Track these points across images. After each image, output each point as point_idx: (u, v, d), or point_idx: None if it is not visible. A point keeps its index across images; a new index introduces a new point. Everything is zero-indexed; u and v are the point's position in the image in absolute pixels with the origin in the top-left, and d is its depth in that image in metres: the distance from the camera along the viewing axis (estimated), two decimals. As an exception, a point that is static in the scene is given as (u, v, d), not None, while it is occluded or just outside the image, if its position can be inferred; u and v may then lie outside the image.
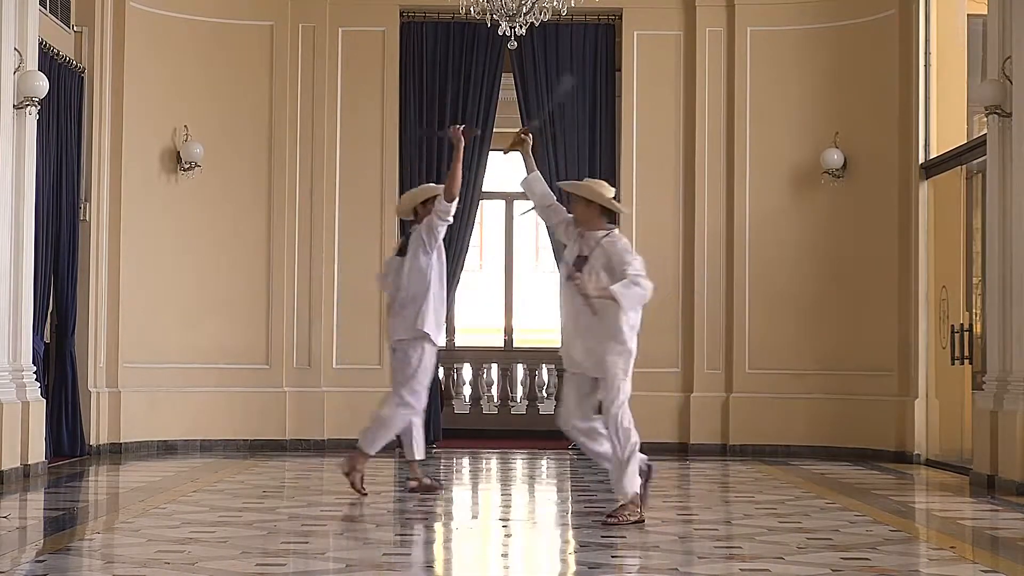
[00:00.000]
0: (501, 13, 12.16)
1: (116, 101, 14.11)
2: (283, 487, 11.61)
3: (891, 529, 8.90)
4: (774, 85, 14.86)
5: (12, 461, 11.17)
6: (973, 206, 13.42)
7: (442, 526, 9.20)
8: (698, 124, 14.95)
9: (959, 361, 13.18)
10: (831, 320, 14.58)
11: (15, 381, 11.42)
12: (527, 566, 7.95)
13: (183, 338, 14.49)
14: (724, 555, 7.87)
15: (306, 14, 14.98)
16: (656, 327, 14.35)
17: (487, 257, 23.45)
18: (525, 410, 17.15)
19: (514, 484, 12.54)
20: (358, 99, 14.98)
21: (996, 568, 7.53)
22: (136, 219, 14.24)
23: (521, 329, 18.15)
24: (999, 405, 11.22)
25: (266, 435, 14.68)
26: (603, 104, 15.24)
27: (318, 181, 14.92)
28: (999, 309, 11.38)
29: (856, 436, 14.26)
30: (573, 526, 9.35)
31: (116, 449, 13.92)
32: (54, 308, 13.23)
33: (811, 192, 14.69)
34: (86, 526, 9.12)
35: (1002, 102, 11.29)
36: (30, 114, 11.50)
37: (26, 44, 11.49)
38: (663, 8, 15.08)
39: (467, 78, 15.08)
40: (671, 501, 10.23)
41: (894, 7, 14.15)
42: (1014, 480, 10.82)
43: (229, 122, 14.79)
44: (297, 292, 14.82)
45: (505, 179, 18.27)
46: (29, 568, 7.29)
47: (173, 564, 7.17)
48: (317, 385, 14.79)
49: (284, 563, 7.40)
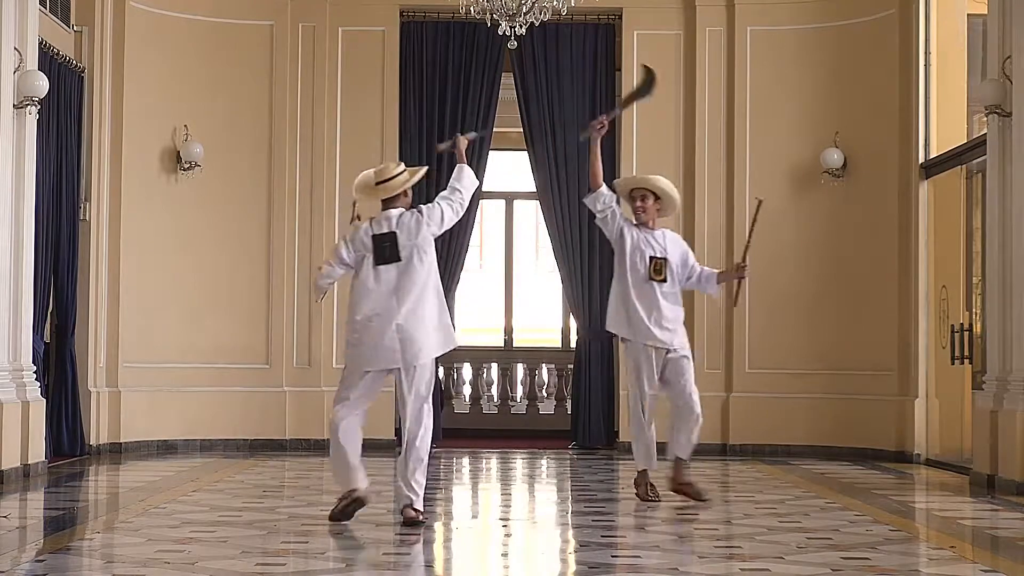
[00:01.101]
0: (501, 13, 12.17)
1: (116, 101, 14.12)
2: (283, 487, 11.61)
3: (891, 529, 8.90)
4: (774, 85, 14.86)
5: (12, 461, 11.17)
6: (973, 206, 13.42)
7: (442, 526, 9.20)
8: (698, 124, 14.95)
9: (959, 361, 13.19)
10: (831, 320, 14.58)
11: (15, 381, 11.43)
12: (527, 566, 7.94)
13: (183, 338, 14.50)
14: (724, 555, 7.88)
15: (306, 14, 14.99)
16: (656, 327, 14.39)
17: (487, 257, 23.43)
18: (525, 410, 17.17)
19: (514, 484, 12.54)
20: (358, 99, 14.98)
21: (996, 568, 7.53)
22: (136, 219, 14.24)
23: (521, 329, 18.16)
24: (999, 405, 11.22)
25: (266, 435, 14.69)
26: (603, 104, 15.21)
27: (318, 181, 14.92)
28: (999, 309, 11.38)
29: (856, 436, 14.27)
30: (573, 526, 9.35)
31: (116, 449, 13.92)
32: (54, 308, 13.23)
33: (811, 192, 14.69)
34: (86, 526, 9.13)
35: (1002, 102, 11.29)
36: (30, 114, 11.50)
37: (26, 44, 11.50)
38: (663, 8, 15.08)
39: (467, 78, 15.09)
40: (671, 501, 10.21)
41: (894, 7, 14.15)
42: (1014, 480, 10.82)
43: (229, 122, 14.79)
44: (297, 292, 14.82)
45: (505, 179, 18.31)
46: (29, 568, 7.29)
47: (173, 564, 7.17)
48: (317, 385, 14.79)
49: (284, 563, 7.40)
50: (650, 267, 9.89)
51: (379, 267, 8.87)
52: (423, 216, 8.92)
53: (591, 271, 15.17)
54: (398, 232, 8.86)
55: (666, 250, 9.98)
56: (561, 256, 15.25)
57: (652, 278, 9.89)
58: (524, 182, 16.73)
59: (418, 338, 8.79)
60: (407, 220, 8.90)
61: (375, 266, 8.87)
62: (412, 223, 8.89)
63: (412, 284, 8.82)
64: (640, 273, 9.92)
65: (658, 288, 9.90)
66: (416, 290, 8.81)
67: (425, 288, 8.84)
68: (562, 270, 15.34)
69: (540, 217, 16.01)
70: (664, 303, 9.91)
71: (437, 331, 8.89)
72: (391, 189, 8.96)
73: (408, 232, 8.87)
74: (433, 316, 8.87)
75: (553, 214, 15.21)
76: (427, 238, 8.89)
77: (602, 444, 15.01)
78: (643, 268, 9.91)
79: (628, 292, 9.95)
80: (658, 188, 10.05)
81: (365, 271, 8.90)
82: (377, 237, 8.90)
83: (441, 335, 8.93)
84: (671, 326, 9.94)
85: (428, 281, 8.87)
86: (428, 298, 8.85)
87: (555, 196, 15.18)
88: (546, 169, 15.19)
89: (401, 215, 8.94)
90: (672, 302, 9.96)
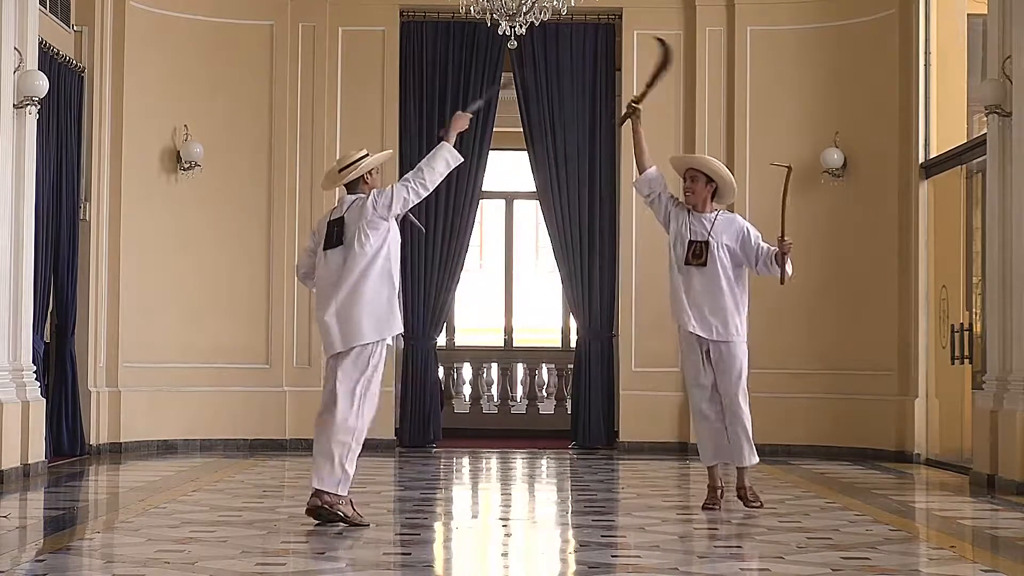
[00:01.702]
0: (501, 13, 12.16)
1: (116, 101, 14.11)
2: (283, 487, 11.61)
3: (891, 529, 8.90)
4: (774, 84, 14.86)
5: (12, 461, 11.17)
6: (973, 206, 13.42)
7: (442, 526, 9.20)
8: (698, 124, 14.94)
9: (959, 361, 13.18)
10: (831, 320, 14.57)
11: (15, 381, 11.43)
12: (527, 566, 7.94)
13: (183, 338, 14.49)
14: (724, 555, 7.88)
15: (306, 14, 14.98)
16: (656, 327, 14.40)
17: (487, 257, 23.42)
18: (525, 410, 17.17)
19: (514, 484, 12.54)
20: (358, 99, 14.98)
21: (996, 568, 7.53)
22: (136, 219, 14.24)
23: (521, 328, 18.16)
24: (999, 405, 11.22)
25: (266, 435, 14.69)
26: (603, 104, 15.25)
27: (318, 181, 14.88)
28: (999, 309, 11.38)
29: (856, 435, 14.26)
30: (573, 526, 9.35)
31: (116, 449, 13.92)
32: (54, 308, 13.23)
33: (811, 192, 14.68)
34: (86, 526, 9.12)
35: (1002, 102, 11.29)
36: (30, 114, 11.50)
37: (26, 44, 11.49)
38: (663, 8, 15.08)
39: (467, 78, 15.09)
40: (671, 501, 10.22)
41: (894, 7, 14.15)
42: (1014, 480, 10.81)
43: (229, 122, 14.79)
44: (297, 292, 14.80)
45: (505, 179, 18.31)
46: (29, 568, 7.29)
47: (173, 564, 7.16)
48: (317, 384, 14.66)
49: (284, 563, 7.40)
50: (688, 251, 9.47)
51: (327, 251, 8.75)
52: (370, 198, 8.70)
53: (591, 271, 15.17)
54: (346, 216, 8.74)
55: (711, 233, 9.50)
56: (561, 256, 15.25)
57: (690, 262, 9.45)
58: (524, 182, 16.73)
59: (353, 321, 8.57)
60: (357, 204, 8.73)
61: (323, 250, 8.78)
62: (358, 205, 8.71)
63: (352, 268, 8.61)
64: (680, 258, 9.51)
65: (696, 273, 9.45)
66: (354, 274, 8.59)
67: (367, 272, 8.58)
68: (562, 270, 15.34)
69: (540, 217, 16.01)
70: (701, 289, 9.44)
71: (372, 316, 8.59)
72: (349, 175, 8.81)
73: (353, 215, 8.70)
74: (372, 300, 8.59)
75: (553, 214, 15.21)
76: (373, 221, 8.63)
77: (602, 444, 15.02)
78: (682, 252, 9.49)
79: (672, 277, 9.58)
80: (709, 169, 9.64)
81: (319, 257, 8.84)
82: (330, 223, 8.81)
83: (376, 320, 8.61)
84: (712, 315, 9.46)
85: (372, 265, 8.60)
86: (369, 282, 8.59)
87: (555, 196, 15.18)
88: (546, 169, 15.19)
89: (355, 200, 8.78)
90: (714, 288, 9.44)
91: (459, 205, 15.05)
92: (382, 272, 8.66)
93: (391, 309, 8.69)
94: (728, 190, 9.69)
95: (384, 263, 8.69)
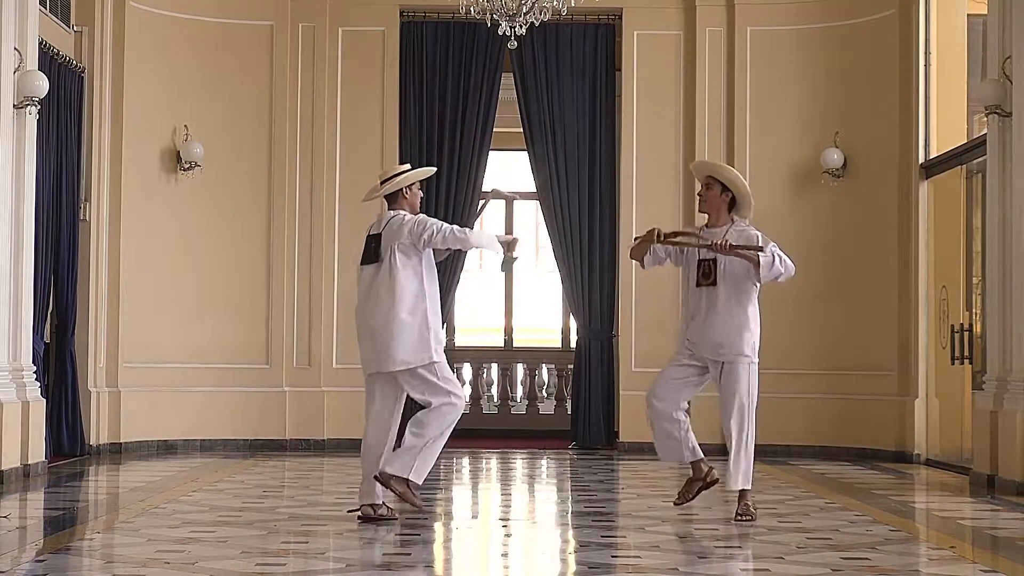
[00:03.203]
0: (501, 13, 12.16)
1: (116, 101, 14.11)
2: (283, 487, 11.61)
3: (891, 529, 8.90)
4: (774, 85, 14.85)
5: (12, 461, 11.17)
6: (973, 206, 13.42)
7: (442, 526, 9.20)
8: (698, 124, 14.94)
9: (959, 361, 13.18)
10: (831, 320, 14.57)
11: (15, 381, 11.43)
12: (527, 566, 7.94)
13: (183, 338, 14.49)
14: (724, 555, 7.88)
15: (306, 14, 14.99)
16: (656, 327, 14.40)
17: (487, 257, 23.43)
18: (525, 410, 17.17)
19: (514, 484, 12.54)
20: (358, 99, 14.99)
21: (996, 568, 7.53)
22: (136, 219, 14.24)
23: (521, 329, 18.15)
24: (999, 405, 11.22)
25: (266, 435, 14.69)
26: (603, 104, 15.25)
27: (318, 181, 14.92)
28: (999, 309, 11.38)
29: (856, 436, 14.26)
30: (573, 526, 9.35)
31: (116, 449, 13.92)
32: (54, 308, 13.23)
33: (811, 192, 14.69)
34: (86, 526, 9.13)
35: (1002, 102, 11.29)
36: (30, 114, 11.50)
37: (26, 44, 11.50)
38: (663, 8, 15.08)
39: (467, 78, 15.09)
40: (671, 501, 10.20)
41: (894, 7, 14.15)
42: (1014, 480, 10.81)
43: (229, 122, 14.79)
44: (297, 292, 14.82)
45: (505, 179, 18.29)
46: (29, 568, 7.29)
47: (173, 564, 7.17)
48: (317, 385, 14.79)
49: (284, 563, 7.40)
50: (698, 272, 9.21)
51: (363, 266, 8.84)
52: (410, 220, 8.72)
53: (591, 271, 15.17)
54: (384, 233, 8.79)
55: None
56: (561, 256, 15.26)
57: (701, 283, 9.20)
58: (524, 182, 16.72)
59: (390, 346, 8.62)
60: (395, 221, 8.78)
61: (360, 264, 8.87)
62: (396, 223, 8.74)
63: (383, 288, 8.63)
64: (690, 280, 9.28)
65: (706, 293, 9.18)
66: (387, 295, 8.60)
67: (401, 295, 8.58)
68: (562, 270, 15.34)
69: (540, 217, 16.01)
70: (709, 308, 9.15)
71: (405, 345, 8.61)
72: (388, 188, 8.92)
73: (391, 233, 8.73)
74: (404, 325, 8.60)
75: (553, 214, 15.21)
76: (407, 244, 8.65)
77: (602, 444, 15.01)
78: (692, 274, 9.24)
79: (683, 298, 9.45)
80: (725, 177, 9.36)
81: (357, 270, 8.93)
82: (368, 237, 8.88)
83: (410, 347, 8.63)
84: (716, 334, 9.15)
85: (406, 287, 8.60)
86: (402, 304, 8.59)
87: (555, 196, 15.18)
88: (546, 169, 15.19)
89: (393, 216, 8.84)
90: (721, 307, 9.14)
91: (459, 205, 15.05)
92: (417, 294, 8.66)
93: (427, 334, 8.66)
94: (745, 203, 9.37)
95: (421, 286, 8.70)
